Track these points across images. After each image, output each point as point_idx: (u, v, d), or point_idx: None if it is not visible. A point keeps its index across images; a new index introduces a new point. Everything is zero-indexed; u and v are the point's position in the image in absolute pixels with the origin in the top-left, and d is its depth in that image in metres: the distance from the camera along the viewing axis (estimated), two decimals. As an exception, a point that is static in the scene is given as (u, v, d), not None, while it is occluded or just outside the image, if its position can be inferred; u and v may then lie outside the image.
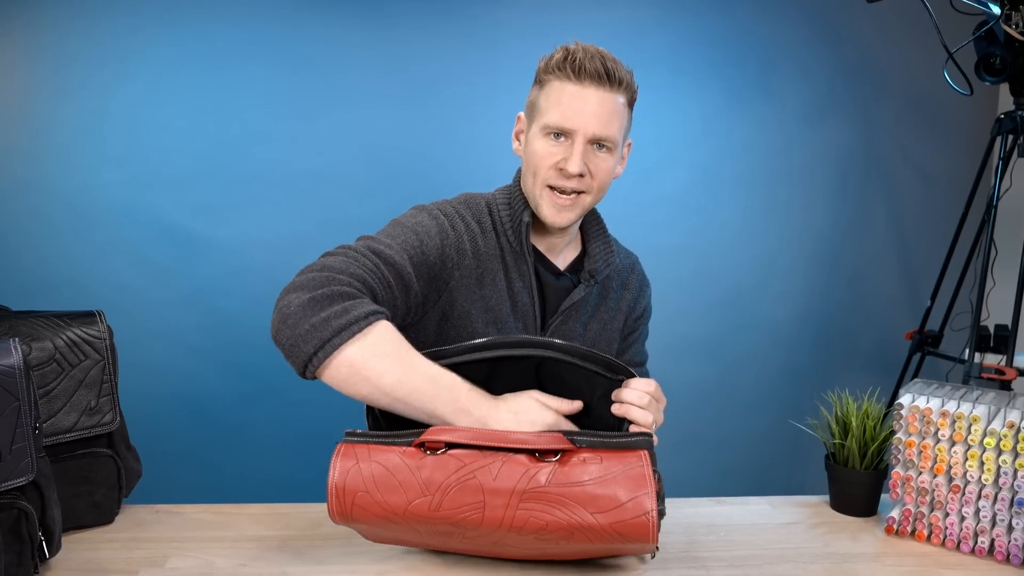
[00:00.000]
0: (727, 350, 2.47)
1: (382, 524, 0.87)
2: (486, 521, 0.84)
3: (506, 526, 0.84)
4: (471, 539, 0.88)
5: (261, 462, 2.22)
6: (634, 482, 0.83)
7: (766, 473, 2.54)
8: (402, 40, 2.20)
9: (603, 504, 0.83)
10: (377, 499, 0.85)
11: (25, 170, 2.07)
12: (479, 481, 0.84)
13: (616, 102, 1.10)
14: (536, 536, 0.85)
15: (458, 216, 1.13)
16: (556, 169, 1.09)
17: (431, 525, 0.86)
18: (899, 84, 2.50)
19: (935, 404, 1.08)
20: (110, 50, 2.07)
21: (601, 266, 1.20)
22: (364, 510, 0.86)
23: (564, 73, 1.07)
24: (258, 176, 2.16)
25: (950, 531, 1.06)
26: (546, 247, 1.19)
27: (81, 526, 1.04)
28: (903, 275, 2.58)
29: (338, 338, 0.90)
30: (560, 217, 1.11)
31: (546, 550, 0.89)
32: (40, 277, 2.08)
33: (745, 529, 1.11)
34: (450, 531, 0.86)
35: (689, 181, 2.41)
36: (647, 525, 0.82)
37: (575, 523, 0.83)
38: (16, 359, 0.88)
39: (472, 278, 1.11)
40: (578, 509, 0.83)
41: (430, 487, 0.85)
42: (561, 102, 1.07)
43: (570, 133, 1.08)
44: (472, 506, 0.84)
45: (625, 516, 0.82)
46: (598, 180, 1.12)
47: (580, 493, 0.84)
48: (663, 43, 2.35)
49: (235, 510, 1.12)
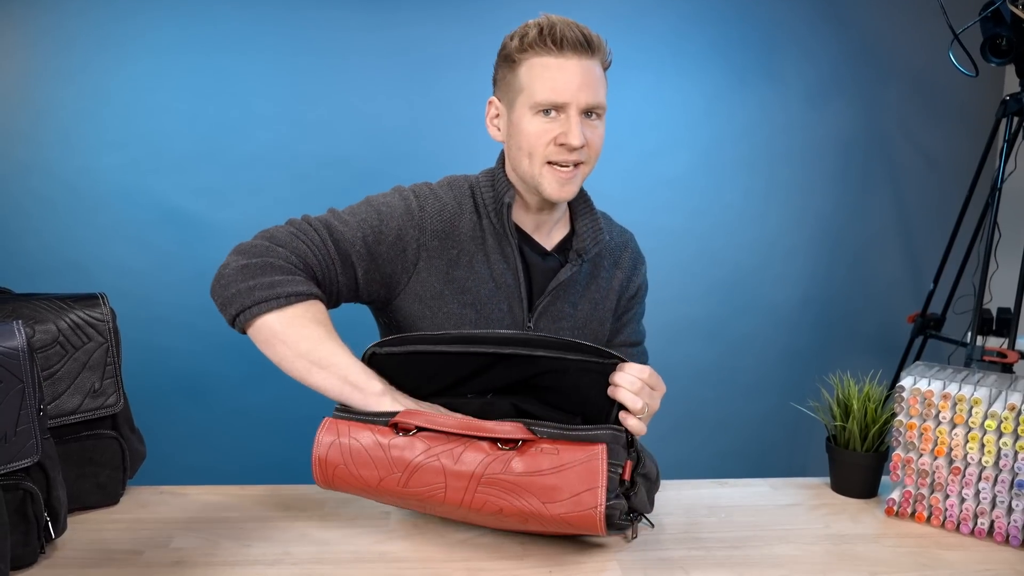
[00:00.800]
0: (728, 332, 2.47)
1: (359, 493, 0.94)
2: (448, 500, 0.89)
3: (466, 506, 0.89)
4: (440, 512, 0.94)
5: (264, 444, 2.23)
6: (587, 475, 0.86)
7: (767, 455, 2.55)
8: (404, 22, 2.19)
9: (554, 495, 0.86)
10: (353, 472, 0.92)
11: (26, 153, 2.06)
12: (442, 464, 0.90)
13: (598, 68, 1.10)
14: (495, 517, 0.90)
15: (433, 197, 1.13)
16: (555, 145, 1.08)
17: (401, 499, 0.93)
18: (903, 65, 2.48)
19: (936, 387, 1.08)
20: (110, 32, 2.06)
21: (589, 244, 1.18)
22: (343, 480, 0.93)
23: (544, 47, 1.06)
24: (259, 159, 2.16)
25: (950, 512, 1.06)
26: (533, 227, 1.18)
27: (86, 507, 1.05)
28: (905, 258, 2.58)
29: (257, 308, 1.00)
30: (564, 191, 1.11)
31: (511, 526, 0.93)
32: (41, 260, 2.08)
33: (746, 510, 1.11)
34: (419, 504, 0.93)
35: (690, 163, 2.40)
36: (594, 518, 0.85)
37: (527, 510, 0.87)
38: (20, 341, 0.88)
39: (443, 260, 1.12)
40: (530, 498, 0.87)
41: (398, 465, 0.91)
42: (546, 77, 1.06)
43: (563, 107, 1.07)
44: (435, 486, 0.89)
45: (575, 508, 0.86)
46: (595, 149, 1.12)
47: (533, 482, 0.87)
48: (664, 24, 2.33)
49: (238, 491, 1.13)
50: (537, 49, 1.06)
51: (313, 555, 0.94)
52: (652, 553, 0.96)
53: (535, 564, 0.93)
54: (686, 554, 0.97)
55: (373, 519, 1.04)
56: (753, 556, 0.97)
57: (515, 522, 0.90)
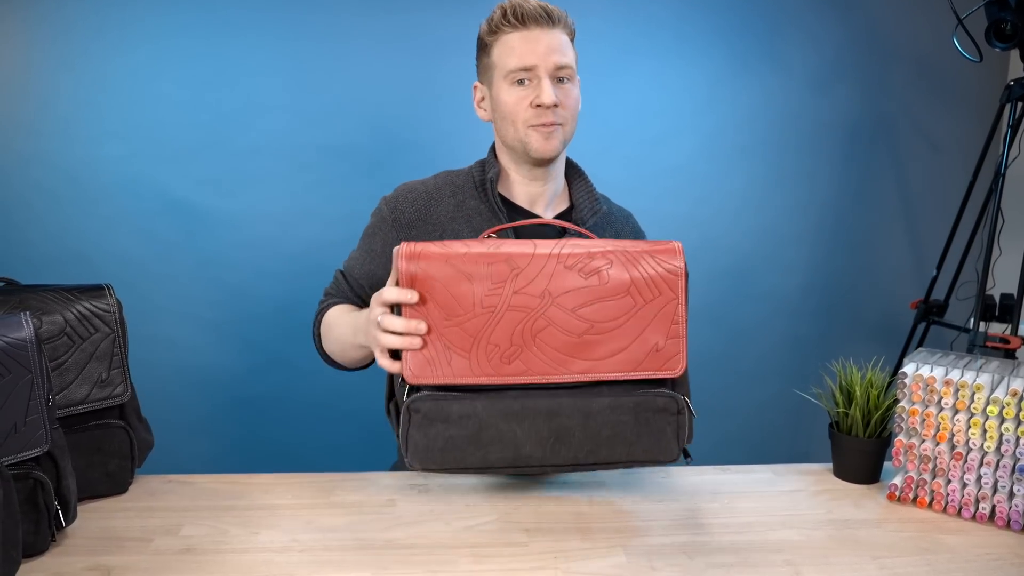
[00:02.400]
0: (732, 319, 2.48)
1: (441, 271, 0.96)
2: (537, 256, 0.96)
3: (555, 256, 0.96)
4: (522, 296, 0.96)
5: (270, 432, 2.24)
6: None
7: (770, 442, 2.56)
8: (406, 8, 2.18)
9: (638, 243, 1.00)
10: (441, 248, 0.97)
11: (27, 144, 2.06)
12: (530, 241, 0.99)
13: (562, 36, 1.20)
14: (582, 273, 0.96)
15: (406, 190, 1.28)
16: (532, 108, 1.19)
17: (489, 262, 0.96)
18: (907, 51, 2.47)
19: (939, 373, 1.08)
20: (109, 19, 2.05)
21: (587, 214, 1.28)
22: (429, 256, 0.96)
23: (509, 25, 1.18)
24: (262, 148, 2.16)
25: (951, 497, 1.07)
26: (528, 202, 1.28)
27: (95, 496, 1.06)
28: (909, 244, 2.57)
29: (318, 345, 1.31)
30: (549, 144, 1.21)
31: (585, 341, 0.97)
32: (45, 251, 2.09)
33: (749, 496, 1.12)
34: (502, 277, 0.96)
35: (693, 150, 2.40)
36: (673, 246, 0.99)
37: (617, 251, 0.97)
38: (28, 332, 0.89)
39: (428, 240, 1.25)
40: (617, 242, 0.99)
41: (487, 242, 0.98)
42: (515, 49, 1.18)
43: (532, 69, 1.18)
44: (525, 247, 0.97)
45: (658, 244, 0.99)
46: (570, 109, 1.22)
47: (615, 241, 1.01)
48: (668, 9, 2.32)
49: (246, 479, 1.14)
50: (504, 28, 1.19)
51: (320, 542, 0.95)
52: (655, 539, 0.97)
53: (541, 550, 0.93)
54: (689, 540, 0.98)
55: (379, 506, 1.05)
56: (756, 542, 0.97)
57: (600, 292, 0.96)
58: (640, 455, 0.99)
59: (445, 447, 0.96)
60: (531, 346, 0.96)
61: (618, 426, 0.97)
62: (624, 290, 0.97)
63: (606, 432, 0.97)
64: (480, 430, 0.96)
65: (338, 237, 2.21)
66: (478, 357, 0.96)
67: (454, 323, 0.95)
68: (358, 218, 1.36)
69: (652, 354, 0.98)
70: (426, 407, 0.95)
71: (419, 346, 0.96)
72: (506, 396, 0.96)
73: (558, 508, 1.06)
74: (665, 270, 0.98)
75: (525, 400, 0.96)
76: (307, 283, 2.20)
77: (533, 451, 0.96)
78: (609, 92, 2.29)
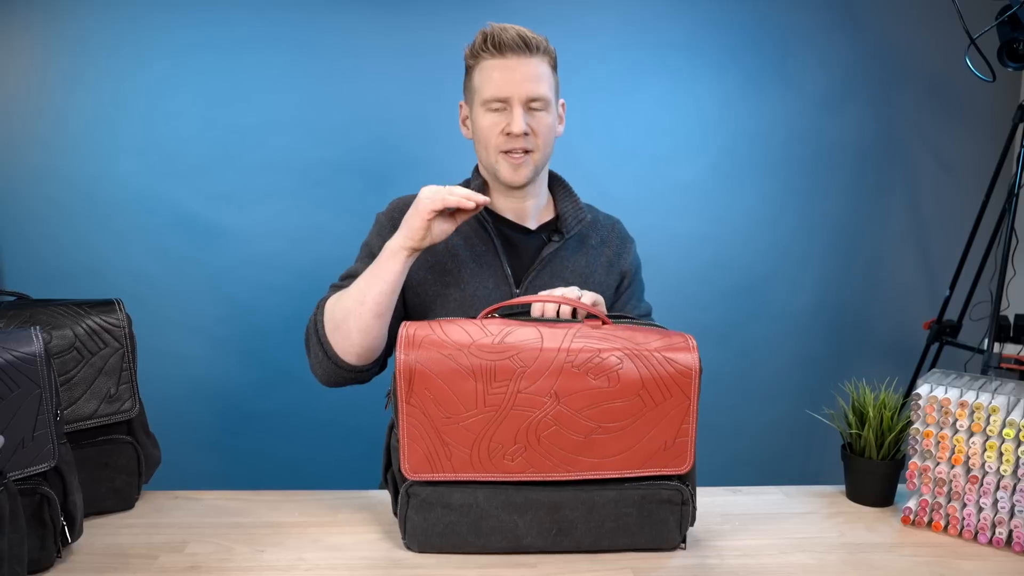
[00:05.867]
0: (742, 338, 2.46)
1: (441, 365, 0.92)
2: (544, 350, 0.93)
3: (564, 352, 0.93)
4: (528, 396, 0.92)
5: (277, 449, 2.24)
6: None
7: (780, 462, 2.53)
8: (418, 27, 2.19)
9: (649, 333, 0.98)
10: (441, 335, 0.94)
11: (42, 159, 2.08)
12: (536, 327, 0.96)
13: (539, 65, 1.22)
14: (591, 373, 0.92)
15: (401, 202, 1.31)
16: (504, 135, 1.22)
17: (493, 358, 0.92)
18: (919, 70, 2.47)
19: (953, 394, 1.07)
20: (125, 37, 2.07)
21: (572, 223, 1.31)
22: (429, 346, 0.93)
23: (488, 52, 1.21)
24: (274, 165, 2.17)
25: (967, 522, 1.05)
26: (514, 214, 1.31)
27: (102, 511, 1.06)
28: (921, 264, 2.55)
29: (314, 326, 1.23)
30: (517, 175, 1.24)
31: (591, 431, 0.93)
32: (57, 266, 2.10)
33: (760, 518, 1.11)
34: (507, 375, 0.92)
35: (704, 169, 2.39)
36: (687, 342, 0.97)
37: (628, 348, 0.94)
38: (37, 347, 0.89)
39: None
40: (628, 334, 0.96)
41: (489, 328, 0.95)
42: (492, 77, 1.21)
43: (506, 100, 1.20)
44: (531, 339, 0.94)
45: (671, 337, 0.97)
46: (542, 137, 1.23)
47: (626, 330, 0.99)
48: (679, 29, 2.33)
49: (252, 496, 1.14)
50: (483, 55, 1.22)
51: (327, 561, 0.94)
52: (666, 561, 0.96)
53: (550, 572, 0.92)
54: (700, 562, 0.96)
55: (386, 525, 1.04)
56: (768, 565, 0.96)
57: (610, 393, 0.92)
58: (642, 544, 0.97)
59: (445, 532, 0.94)
60: (535, 446, 0.93)
61: (622, 518, 0.95)
62: (634, 392, 0.93)
63: (609, 524, 0.95)
64: (480, 519, 0.94)
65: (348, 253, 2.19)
66: (479, 455, 0.93)
67: (454, 421, 0.92)
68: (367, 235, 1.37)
69: (659, 452, 0.95)
70: (425, 492, 0.94)
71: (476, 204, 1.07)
72: (507, 487, 0.94)
73: (567, 529, 1.04)
74: (677, 370, 0.94)
75: (528, 492, 0.94)
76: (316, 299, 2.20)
77: (534, 542, 0.95)
78: (620, 111, 2.29)
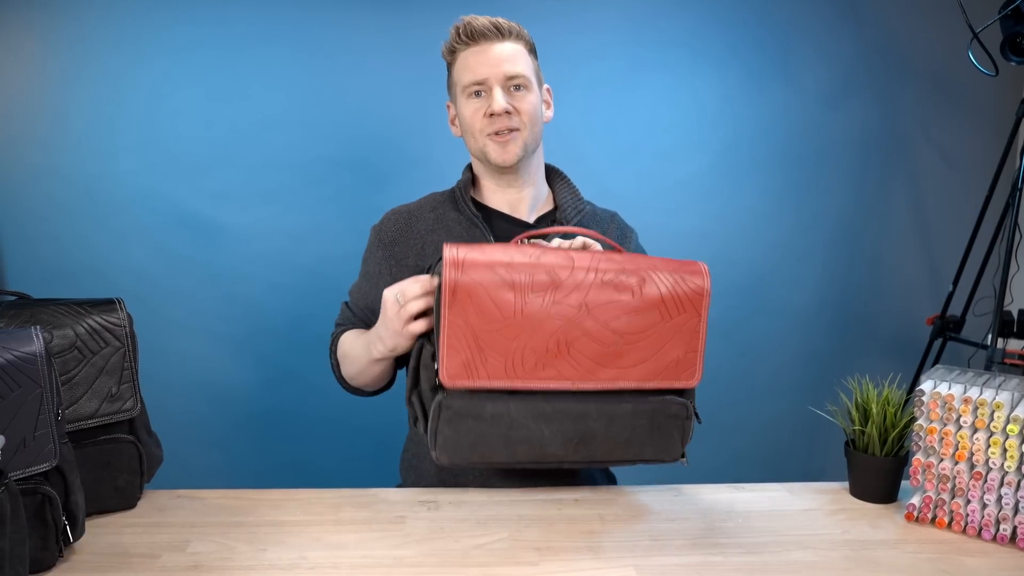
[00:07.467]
0: (744, 335, 2.46)
1: (484, 277, 0.96)
2: (576, 268, 0.98)
3: (592, 271, 0.98)
4: (561, 306, 0.97)
5: (280, 447, 2.24)
6: None
7: (783, 458, 2.53)
8: (420, 24, 2.19)
9: (666, 260, 1.03)
10: (484, 255, 0.97)
11: (41, 158, 2.08)
12: (567, 252, 1.01)
13: (514, 48, 1.25)
14: (617, 288, 0.98)
15: (392, 212, 1.35)
16: (487, 118, 1.24)
17: (530, 272, 0.97)
18: (921, 65, 2.46)
19: (957, 390, 1.06)
20: (125, 35, 2.07)
21: (571, 213, 1.32)
22: (474, 265, 0.96)
23: (461, 43, 1.25)
24: (275, 163, 2.16)
25: (971, 518, 1.05)
26: (509, 206, 1.33)
27: (104, 511, 1.05)
28: (924, 259, 2.55)
29: (332, 360, 1.35)
30: (506, 153, 1.25)
31: (614, 331, 0.99)
32: (58, 265, 2.10)
33: (763, 515, 1.10)
34: (543, 288, 0.97)
35: (706, 165, 2.39)
36: (700, 267, 1.03)
37: (650, 267, 1.00)
38: (38, 346, 0.88)
39: (410, 257, 1.30)
40: (648, 259, 1.02)
41: (527, 251, 0.99)
42: (468, 64, 1.24)
43: (484, 82, 1.23)
44: (563, 260, 0.99)
45: (686, 264, 1.02)
46: (526, 115, 1.26)
47: (645, 257, 1.04)
48: (680, 25, 2.32)
49: (254, 495, 1.13)
50: (459, 47, 1.26)
51: (329, 559, 0.94)
52: (669, 558, 0.96)
53: (551, 570, 0.92)
54: (703, 559, 0.96)
55: (389, 524, 1.04)
56: (771, 562, 0.96)
57: (631, 297, 0.98)
58: (649, 455, 1.04)
59: (475, 443, 0.98)
60: (565, 355, 0.98)
61: (636, 430, 1.02)
62: (653, 305, 1.00)
63: (625, 435, 1.02)
64: (511, 429, 0.98)
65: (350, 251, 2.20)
66: (514, 362, 0.97)
67: (493, 328, 0.97)
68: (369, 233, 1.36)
69: (672, 365, 1.02)
70: (459, 404, 0.97)
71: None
72: (537, 398, 0.99)
73: (569, 527, 1.04)
74: (691, 289, 1.01)
75: (556, 403, 0.99)
76: (319, 297, 2.20)
77: (557, 450, 1.00)
78: (621, 107, 2.29)
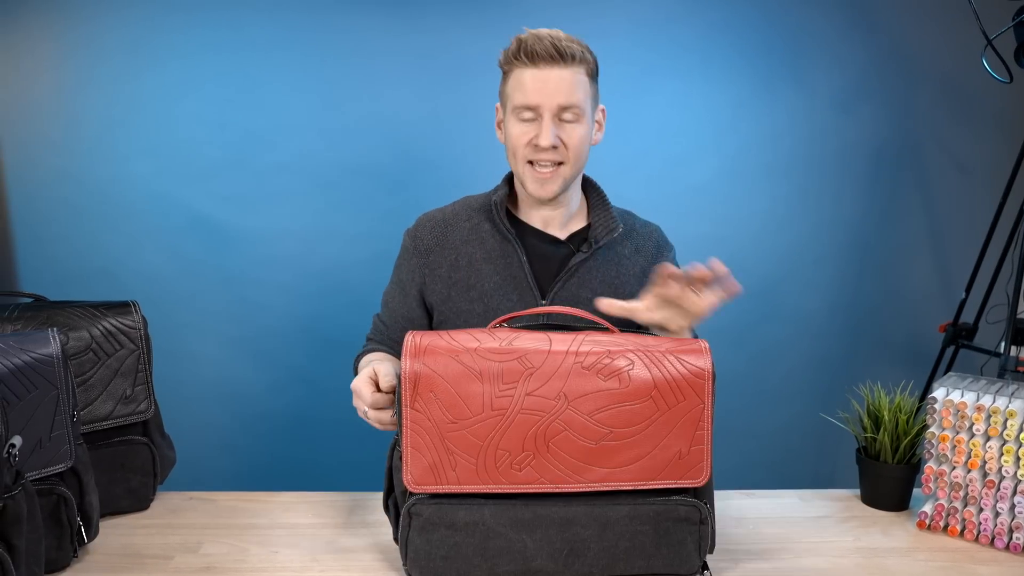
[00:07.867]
0: (755, 341, 2.45)
1: (447, 368, 0.88)
2: (553, 353, 0.88)
3: (572, 355, 0.88)
4: (536, 398, 0.88)
5: (292, 450, 2.24)
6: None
7: (793, 465, 2.52)
8: (431, 28, 2.20)
9: (660, 338, 0.93)
10: (448, 341, 0.90)
11: (57, 161, 2.10)
12: (544, 332, 0.92)
13: (574, 75, 1.18)
14: (601, 374, 0.88)
15: (426, 218, 1.31)
16: (531, 146, 1.19)
17: (500, 360, 0.88)
18: (935, 71, 2.45)
19: (970, 398, 1.06)
20: (139, 40, 2.09)
21: (601, 233, 1.26)
22: (436, 352, 0.88)
23: (520, 61, 1.18)
24: (287, 166, 2.18)
25: (984, 527, 1.04)
26: (541, 222, 1.28)
27: (118, 512, 1.06)
28: (937, 266, 2.53)
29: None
30: (544, 190, 1.21)
31: (602, 436, 0.89)
32: (72, 267, 2.12)
33: (775, 522, 1.10)
34: (515, 377, 0.87)
35: (717, 170, 2.38)
36: (700, 345, 0.91)
37: (639, 349, 0.90)
38: (54, 348, 0.89)
39: (444, 266, 1.26)
40: (638, 338, 0.92)
41: (497, 334, 0.91)
42: (523, 84, 1.18)
43: (536, 108, 1.17)
44: (540, 343, 0.90)
45: (683, 342, 0.92)
46: (573, 149, 1.20)
47: (636, 335, 0.94)
48: (692, 31, 2.32)
49: (266, 498, 1.14)
50: (516, 62, 1.19)
51: (340, 562, 0.94)
52: (679, 565, 0.95)
53: (561, 574, 0.92)
54: (714, 566, 0.96)
55: (399, 527, 1.05)
56: (783, 569, 0.95)
57: (620, 397, 0.88)
58: (658, 568, 0.91)
59: (448, 555, 0.88)
60: (544, 453, 0.87)
61: (637, 537, 0.89)
62: (646, 394, 0.88)
63: (624, 544, 0.89)
64: (487, 539, 0.88)
65: (361, 255, 2.22)
66: (486, 463, 0.87)
67: (460, 426, 0.87)
68: (381, 237, 1.37)
69: (674, 462, 0.89)
70: (428, 511, 0.88)
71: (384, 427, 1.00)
72: (516, 502, 0.89)
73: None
74: (690, 372, 0.89)
75: (537, 507, 0.88)
76: (330, 301, 2.21)
77: (544, 564, 0.88)
78: (632, 113, 2.29)
